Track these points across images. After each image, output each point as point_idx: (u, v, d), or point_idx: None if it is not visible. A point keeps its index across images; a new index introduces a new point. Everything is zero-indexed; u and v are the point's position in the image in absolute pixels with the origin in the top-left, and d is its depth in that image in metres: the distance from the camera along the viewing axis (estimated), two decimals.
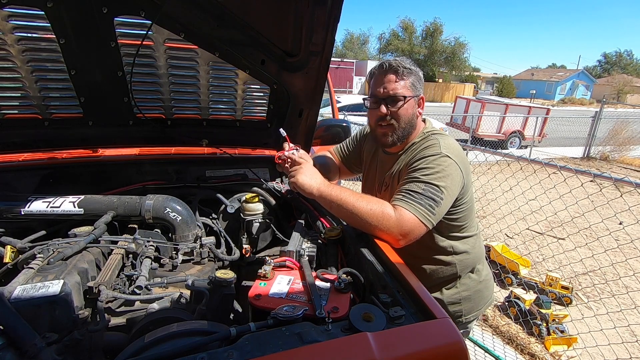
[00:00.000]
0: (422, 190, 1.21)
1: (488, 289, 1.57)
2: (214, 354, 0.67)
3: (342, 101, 9.19)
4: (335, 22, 1.38)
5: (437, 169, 1.24)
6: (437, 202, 1.20)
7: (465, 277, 1.47)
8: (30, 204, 1.32)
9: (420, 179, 1.24)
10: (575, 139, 11.48)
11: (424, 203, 1.19)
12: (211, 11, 1.32)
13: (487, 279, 1.56)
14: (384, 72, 1.36)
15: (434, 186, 1.21)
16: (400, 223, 1.16)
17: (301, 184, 1.29)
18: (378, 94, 1.36)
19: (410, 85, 1.35)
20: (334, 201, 1.24)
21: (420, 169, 1.26)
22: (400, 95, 1.34)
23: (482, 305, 1.55)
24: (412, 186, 1.23)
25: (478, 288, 1.51)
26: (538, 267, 4.01)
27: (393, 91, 1.33)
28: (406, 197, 1.21)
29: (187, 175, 1.78)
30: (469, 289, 1.48)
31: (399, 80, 1.34)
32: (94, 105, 1.49)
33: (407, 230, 1.16)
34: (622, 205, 3.02)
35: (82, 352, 0.83)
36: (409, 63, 1.37)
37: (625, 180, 2.35)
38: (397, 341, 0.71)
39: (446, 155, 1.27)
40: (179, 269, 1.31)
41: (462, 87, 34.68)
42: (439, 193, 1.21)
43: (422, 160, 1.28)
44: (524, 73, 52.12)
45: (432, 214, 1.19)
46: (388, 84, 1.34)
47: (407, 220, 1.16)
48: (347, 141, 1.82)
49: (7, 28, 1.18)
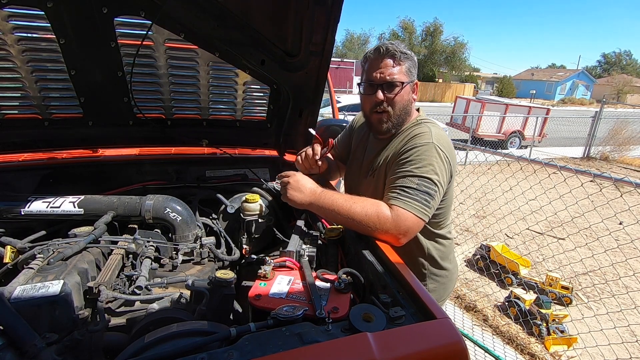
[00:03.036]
0: (417, 185, 1.19)
1: (452, 280, 1.58)
2: (214, 354, 0.67)
3: (342, 101, 9.18)
4: (336, 22, 1.38)
5: (430, 161, 1.22)
6: (432, 196, 1.19)
7: (433, 272, 1.49)
8: (30, 204, 1.32)
9: (413, 173, 1.21)
10: (575, 139, 11.49)
11: (420, 198, 1.17)
12: (211, 11, 1.33)
13: (452, 272, 1.57)
14: (381, 57, 1.29)
15: (427, 179, 1.20)
16: (397, 223, 1.14)
17: (292, 200, 1.26)
18: (374, 79, 1.30)
19: (406, 70, 1.31)
20: (328, 209, 1.21)
21: (412, 161, 1.24)
22: (398, 81, 1.29)
23: (446, 296, 1.58)
24: (405, 182, 1.21)
25: (443, 281, 1.53)
26: (538, 267, 4.01)
27: (390, 77, 1.28)
28: (401, 195, 1.18)
29: (187, 175, 1.78)
30: (436, 283, 1.50)
31: (396, 65, 1.29)
32: (94, 105, 1.49)
33: (405, 229, 1.15)
34: (622, 205, 3.02)
35: (82, 352, 0.83)
36: (404, 47, 1.31)
37: (625, 180, 2.34)
38: (397, 341, 0.71)
39: (437, 145, 1.25)
40: (179, 269, 1.31)
41: (462, 87, 34.67)
42: (433, 186, 1.19)
43: (414, 150, 1.25)
44: (524, 73, 52.12)
45: (427, 207, 1.18)
46: (385, 68, 1.28)
47: (405, 219, 1.15)
48: (340, 136, 1.78)
49: (7, 28, 1.18)
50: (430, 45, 35.38)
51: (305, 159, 1.56)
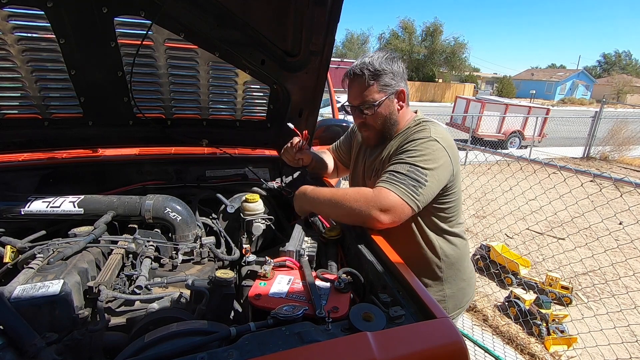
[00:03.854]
0: (407, 171, 1.19)
1: (470, 286, 1.57)
2: (214, 354, 0.67)
3: (342, 101, 9.18)
4: (335, 23, 1.38)
5: (424, 152, 1.22)
6: (421, 184, 1.17)
7: (450, 275, 1.46)
8: (30, 204, 1.32)
9: (405, 161, 1.22)
10: (575, 139, 11.48)
11: (407, 183, 1.16)
12: (211, 11, 1.33)
13: (470, 276, 1.56)
14: (351, 81, 1.35)
15: (419, 167, 1.19)
16: (378, 199, 1.14)
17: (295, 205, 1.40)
18: (351, 103, 1.39)
19: (380, 87, 1.31)
20: (315, 199, 1.29)
21: (407, 151, 1.25)
22: (370, 102, 1.32)
23: (465, 303, 1.55)
24: (396, 167, 1.22)
25: (461, 286, 1.50)
26: (538, 267, 4.01)
27: (362, 99, 1.33)
28: (389, 178, 1.19)
29: (187, 175, 1.78)
30: (453, 287, 1.47)
31: (368, 86, 1.31)
32: (94, 105, 1.49)
33: (386, 206, 1.13)
34: (622, 205, 3.02)
35: (82, 352, 0.83)
36: (379, 61, 1.30)
37: (625, 180, 2.35)
38: (397, 341, 0.70)
39: (435, 139, 1.25)
40: (179, 268, 1.31)
41: (462, 87, 34.69)
42: (424, 175, 1.18)
43: (411, 142, 1.27)
44: (524, 73, 52.13)
45: (415, 194, 1.16)
46: (357, 92, 1.34)
47: (386, 197, 1.14)
48: (341, 138, 1.83)
49: (7, 28, 1.18)
50: (430, 45, 35.31)
51: (285, 151, 1.65)
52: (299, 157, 1.62)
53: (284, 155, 1.68)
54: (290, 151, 1.61)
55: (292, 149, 1.60)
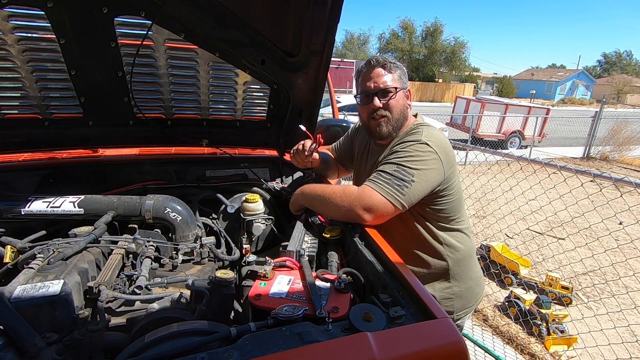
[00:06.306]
0: (393, 171, 1.23)
1: (479, 286, 1.57)
2: (214, 354, 0.67)
3: (342, 101, 9.19)
4: (336, 23, 1.38)
5: (412, 153, 1.26)
6: (407, 182, 1.21)
7: (457, 273, 1.47)
8: (30, 204, 1.32)
9: (392, 161, 1.27)
10: (575, 139, 11.48)
11: (392, 182, 1.21)
12: (211, 11, 1.33)
13: (478, 276, 1.56)
14: (373, 67, 1.40)
15: (405, 167, 1.23)
16: (361, 197, 1.19)
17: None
18: (369, 89, 1.40)
19: (397, 77, 1.40)
20: (309, 195, 1.35)
21: (397, 152, 1.30)
22: (391, 87, 1.38)
23: (473, 303, 1.55)
24: (384, 167, 1.27)
25: (470, 285, 1.50)
26: (538, 267, 4.01)
27: (383, 84, 1.38)
28: (375, 177, 1.25)
29: (187, 175, 1.78)
30: (461, 286, 1.48)
31: (388, 73, 1.39)
32: (94, 105, 1.49)
33: (369, 204, 1.18)
34: (622, 205, 3.02)
35: (82, 352, 0.83)
36: (393, 59, 1.43)
37: (625, 180, 2.34)
38: (397, 341, 0.70)
39: (425, 143, 1.28)
40: (179, 269, 1.31)
41: (462, 87, 34.67)
42: (410, 175, 1.22)
43: (401, 144, 1.32)
44: (524, 73, 52.12)
45: (400, 193, 1.20)
46: (378, 77, 1.38)
47: (369, 196, 1.19)
48: (341, 139, 1.83)
49: (7, 28, 1.18)
50: (430, 45, 35.34)
51: (296, 154, 1.64)
52: (310, 160, 1.61)
53: (294, 158, 1.66)
54: (302, 154, 1.59)
55: (304, 152, 1.58)
